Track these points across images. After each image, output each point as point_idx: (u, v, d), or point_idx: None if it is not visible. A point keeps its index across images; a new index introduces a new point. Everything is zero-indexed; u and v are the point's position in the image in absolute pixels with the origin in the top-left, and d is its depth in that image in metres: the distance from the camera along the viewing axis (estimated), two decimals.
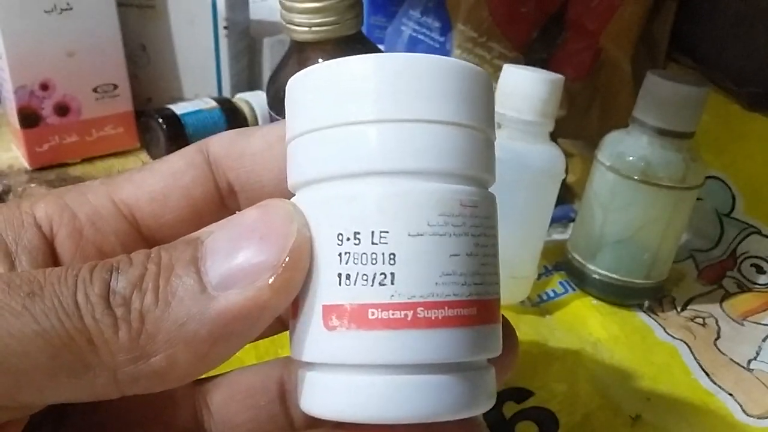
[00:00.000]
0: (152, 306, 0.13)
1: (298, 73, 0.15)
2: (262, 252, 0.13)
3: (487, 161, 0.14)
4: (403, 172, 0.13)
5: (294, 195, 0.15)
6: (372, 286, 0.13)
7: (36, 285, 0.13)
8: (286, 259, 0.13)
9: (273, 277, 0.13)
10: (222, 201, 0.18)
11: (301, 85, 0.15)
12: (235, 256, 0.13)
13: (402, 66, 0.14)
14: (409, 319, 0.13)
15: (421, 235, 0.13)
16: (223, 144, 0.17)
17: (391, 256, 0.13)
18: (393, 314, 0.13)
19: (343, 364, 0.14)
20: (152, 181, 0.17)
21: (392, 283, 0.13)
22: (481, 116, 0.14)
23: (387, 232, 0.13)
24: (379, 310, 0.13)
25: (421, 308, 0.13)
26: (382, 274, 0.13)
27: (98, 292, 0.13)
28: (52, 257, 0.16)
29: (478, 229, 0.14)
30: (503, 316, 0.16)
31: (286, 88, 0.15)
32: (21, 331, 0.12)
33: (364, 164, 0.13)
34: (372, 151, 0.13)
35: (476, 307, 0.13)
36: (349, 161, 0.14)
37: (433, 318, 0.13)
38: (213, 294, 0.13)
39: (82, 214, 0.16)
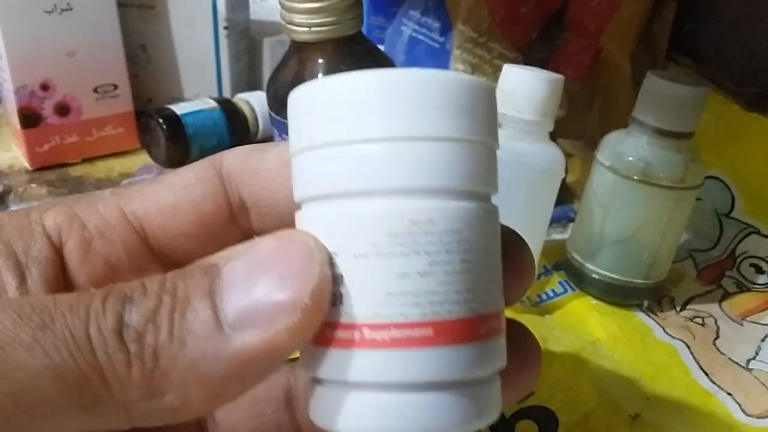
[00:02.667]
0: (166, 343, 0.12)
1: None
2: (282, 292, 0.13)
3: (464, 170, 0.14)
4: (350, 194, 0.14)
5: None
6: (333, 305, 0.13)
7: (47, 315, 0.12)
8: (308, 302, 0.13)
9: (292, 321, 0.13)
10: (233, 216, 0.17)
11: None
12: (253, 293, 0.13)
13: (344, 89, 0.14)
14: (356, 339, 0.13)
15: (366, 256, 0.13)
16: (236, 159, 0.17)
17: (340, 278, 0.13)
18: (343, 334, 0.13)
19: (323, 379, 0.14)
20: (163, 194, 0.17)
21: (341, 304, 0.13)
22: (442, 125, 0.13)
23: (336, 254, 0.13)
24: (332, 329, 0.14)
25: (366, 329, 0.13)
26: (334, 294, 0.13)
27: (111, 326, 0.12)
28: (61, 267, 0.16)
29: (434, 245, 0.13)
30: (526, 331, 0.16)
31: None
32: (32, 366, 0.12)
33: (325, 188, 0.14)
34: (328, 174, 0.14)
35: (432, 328, 0.13)
36: (320, 184, 0.14)
37: (378, 339, 0.13)
38: (229, 333, 0.12)
39: (92, 225, 0.16)
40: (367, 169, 0.13)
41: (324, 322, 0.13)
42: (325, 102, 0.14)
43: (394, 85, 0.13)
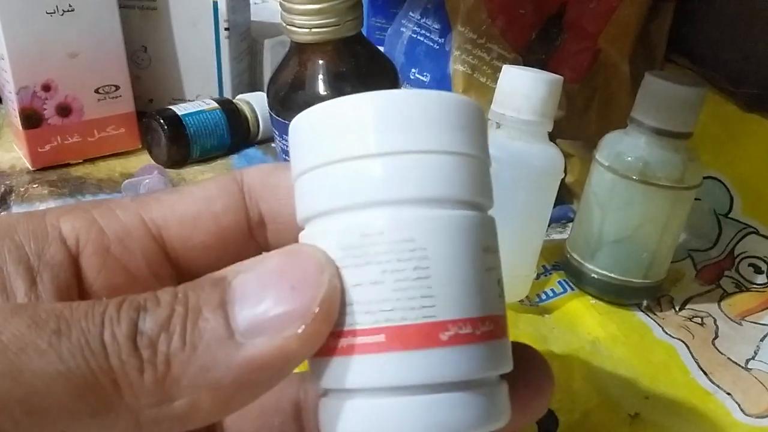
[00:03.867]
0: (179, 350, 0.13)
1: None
2: (293, 301, 0.13)
3: (417, 180, 0.14)
4: (318, 215, 0.15)
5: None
6: None
7: (63, 322, 0.12)
8: (316, 311, 0.13)
9: (302, 328, 0.13)
10: (251, 232, 0.18)
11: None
12: (264, 303, 0.13)
13: (306, 123, 0.15)
14: (329, 346, 0.14)
15: (339, 269, 0.14)
16: (259, 174, 0.18)
17: None
18: (327, 342, 0.14)
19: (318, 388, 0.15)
20: (184, 204, 0.17)
21: None
22: (390, 140, 0.14)
23: None
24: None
25: (331, 338, 0.14)
26: None
27: (126, 333, 0.12)
28: (75, 274, 0.16)
29: (384, 255, 0.14)
30: (537, 356, 0.17)
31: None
32: (45, 371, 0.12)
33: (306, 211, 0.15)
34: (309, 197, 0.15)
35: (384, 334, 0.13)
36: (302, 208, 0.15)
37: (338, 347, 0.14)
38: (240, 341, 0.13)
39: (111, 231, 0.16)
40: (330, 190, 0.14)
41: None
42: (303, 133, 0.15)
43: (346, 111, 0.14)
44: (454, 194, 0.14)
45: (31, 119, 0.46)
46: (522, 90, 0.32)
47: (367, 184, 0.14)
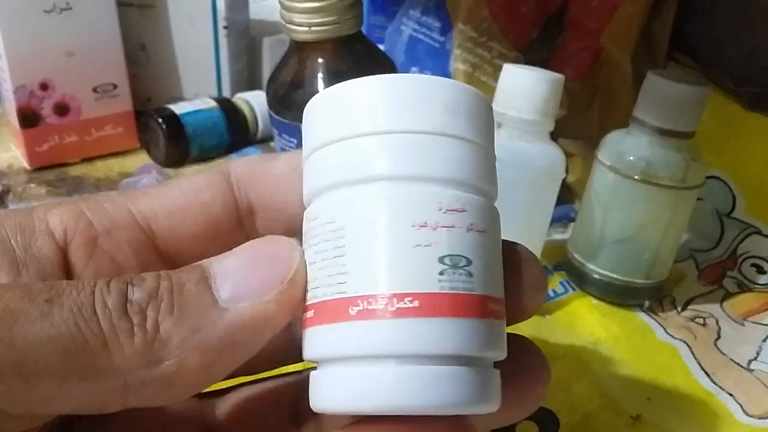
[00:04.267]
0: (167, 314, 0.13)
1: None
2: (270, 271, 0.14)
3: (339, 165, 0.15)
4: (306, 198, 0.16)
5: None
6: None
7: (55, 292, 0.13)
8: (291, 276, 0.14)
9: (279, 293, 0.14)
10: (240, 222, 0.18)
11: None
12: (244, 274, 0.14)
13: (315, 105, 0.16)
14: (302, 320, 0.16)
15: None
16: (246, 165, 0.18)
17: None
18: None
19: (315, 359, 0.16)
20: (172, 196, 0.17)
21: None
22: (331, 128, 0.15)
23: None
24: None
25: (301, 312, 0.15)
26: None
27: (116, 300, 0.13)
28: (63, 267, 0.16)
29: (316, 238, 0.15)
30: (534, 347, 0.17)
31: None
32: (37, 336, 0.12)
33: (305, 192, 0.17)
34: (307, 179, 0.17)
35: (313, 310, 0.15)
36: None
37: (303, 322, 0.15)
38: (223, 306, 0.14)
39: (98, 223, 0.17)
40: (306, 177, 0.16)
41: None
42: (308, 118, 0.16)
43: (336, 97, 0.15)
44: (382, 168, 0.15)
45: (28, 118, 0.46)
46: (523, 89, 0.32)
47: (322, 172, 0.15)
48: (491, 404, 0.15)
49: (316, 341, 0.15)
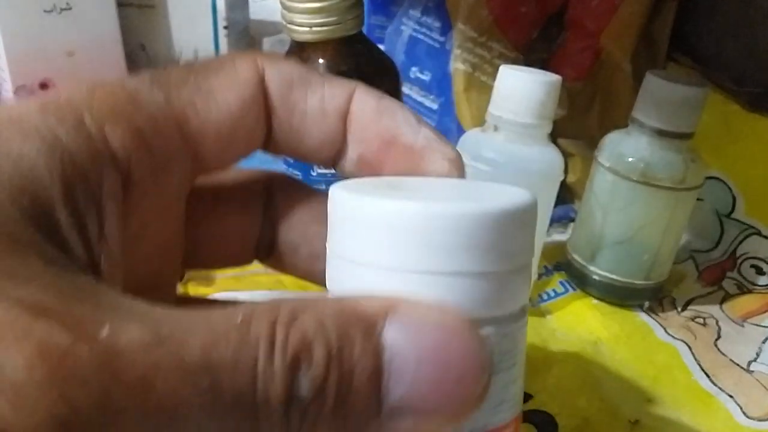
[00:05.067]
0: (329, 419, 0.12)
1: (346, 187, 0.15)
2: (449, 395, 0.12)
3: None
4: None
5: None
6: None
7: (214, 374, 0.11)
8: (469, 402, 0.12)
9: (447, 418, 0.12)
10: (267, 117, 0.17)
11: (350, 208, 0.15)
12: (419, 386, 0.12)
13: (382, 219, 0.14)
14: None
15: None
16: (280, 84, 0.17)
17: None
18: None
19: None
20: (219, 117, 0.16)
21: None
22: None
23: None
24: None
25: None
26: None
27: (281, 398, 0.11)
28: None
29: None
30: None
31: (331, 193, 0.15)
32: (203, 427, 0.11)
33: None
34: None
35: None
36: None
37: None
38: (386, 415, 0.12)
39: (154, 145, 0.15)
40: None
41: None
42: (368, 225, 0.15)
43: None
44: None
45: None
46: (519, 92, 0.31)
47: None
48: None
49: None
